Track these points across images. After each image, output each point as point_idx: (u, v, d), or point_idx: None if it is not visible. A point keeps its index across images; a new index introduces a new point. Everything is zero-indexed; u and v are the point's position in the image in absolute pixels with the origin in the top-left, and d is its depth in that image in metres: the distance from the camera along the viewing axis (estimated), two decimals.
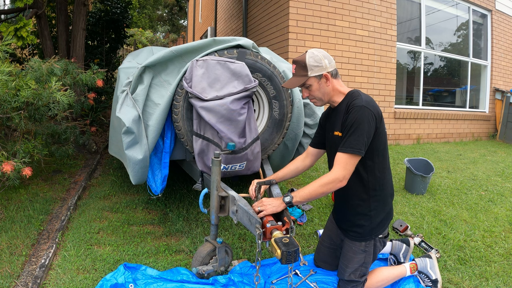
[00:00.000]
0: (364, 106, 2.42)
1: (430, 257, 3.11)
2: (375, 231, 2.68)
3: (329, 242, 3.03)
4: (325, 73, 2.58)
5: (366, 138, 2.41)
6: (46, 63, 4.24)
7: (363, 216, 2.66)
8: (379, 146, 2.55)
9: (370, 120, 2.41)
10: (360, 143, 2.39)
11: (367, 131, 2.40)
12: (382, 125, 2.52)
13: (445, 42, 10.41)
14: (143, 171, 3.32)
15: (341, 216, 2.84)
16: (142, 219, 4.03)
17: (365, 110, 2.41)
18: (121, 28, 10.38)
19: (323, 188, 2.43)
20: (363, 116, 2.40)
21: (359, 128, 2.40)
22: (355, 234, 2.70)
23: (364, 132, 2.39)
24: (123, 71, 3.87)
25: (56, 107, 4.08)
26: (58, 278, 2.90)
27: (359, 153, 2.40)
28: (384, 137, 2.58)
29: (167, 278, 2.91)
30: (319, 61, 2.58)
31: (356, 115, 2.42)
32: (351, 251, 2.72)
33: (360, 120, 2.40)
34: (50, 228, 3.71)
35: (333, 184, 2.41)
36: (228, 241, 3.59)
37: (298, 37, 7.51)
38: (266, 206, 2.60)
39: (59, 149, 4.99)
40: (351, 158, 2.41)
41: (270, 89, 3.49)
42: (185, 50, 3.38)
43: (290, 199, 2.55)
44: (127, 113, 3.18)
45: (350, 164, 2.42)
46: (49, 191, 4.72)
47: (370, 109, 2.42)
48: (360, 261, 2.70)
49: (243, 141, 3.28)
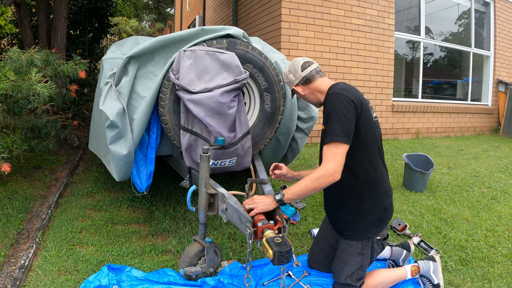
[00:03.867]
0: (336, 92, 2.47)
1: (434, 260, 3.09)
2: (371, 229, 2.68)
3: (323, 243, 3.05)
4: (293, 87, 2.86)
5: (346, 123, 2.39)
6: (25, 53, 4.22)
7: (357, 212, 2.66)
8: (366, 135, 2.55)
9: (345, 104, 2.41)
10: (338, 129, 2.38)
11: (344, 116, 2.40)
12: (365, 112, 2.52)
13: (446, 32, 10.45)
14: (127, 167, 3.32)
15: (334, 214, 2.86)
16: (126, 218, 4.03)
17: (337, 96, 2.45)
18: (104, 16, 10.34)
19: (314, 183, 2.40)
20: (335, 102, 2.43)
21: (334, 115, 2.42)
22: (350, 233, 2.71)
23: (339, 118, 2.40)
24: (107, 62, 3.86)
25: (36, 100, 4.07)
26: (39, 279, 2.90)
27: (342, 140, 2.37)
28: (371, 126, 2.58)
29: (153, 279, 2.92)
30: (287, 78, 2.89)
31: (329, 104, 2.47)
32: (347, 253, 2.72)
33: (333, 107, 2.43)
34: (30, 227, 3.69)
35: (325, 178, 2.37)
36: (217, 241, 3.60)
37: (291, 26, 7.50)
38: (257, 204, 2.61)
39: (39, 144, 4.98)
40: (335, 147, 2.39)
41: (262, 81, 3.49)
42: (172, 40, 3.37)
43: (281, 197, 2.55)
44: (111, 106, 3.17)
45: (337, 155, 2.38)
46: (29, 188, 4.70)
47: (343, 94, 2.44)
48: (357, 264, 2.70)
49: (233, 136, 3.28)
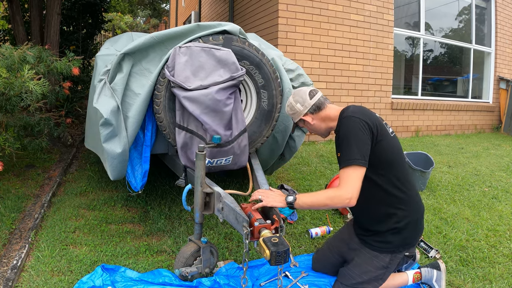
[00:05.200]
0: (349, 116, 2.47)
1: (439, 268, 3.00)
2: (404, 246, 2.65)
3: (338, 250, 2.98)
4: (301, 117, 2.85)
5: (361, 146, 2.39)
6: (18, 50, 4.21)
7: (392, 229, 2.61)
8: (389, 152, 2.54)
9: (360, 128, 2.42)
10: (353, 153, 2.37)
11: (360, 139, 2.40)
12: (382, 132, 2.51)
13: (446, 28, 10.46)
14: (122, 165, 3.31)
15: (365, 227, 2.78)
16: (121, 217, 4.03)
17: (350, 119, 2.46)
18: (98, 12, 10.31)
19: (328, 200, 2.40)
20: (348, 126, 2.44)
21: (348, 139, 2.42)
22: (381, 246, 2.66)
23: (353, 141, 2.40)
24: (101, 59, 3.85)
25: (29, 97, 4.06)
26: (31, 280, 2.90)
27: (357, 163, 2.36)
28: (392, 143, 2.57)
29: (148, 280, 2.92)
30: (293, 109, 2.87)
31: (344, 129, 2.47)
32: (371, 264, 2.67)
33: (346, 131, 2.44)
34: (22, 227, 3.69)
35: (340, 199, 2.36)
36: (213, 241, 3.61)
37: (288, 22, 7.49)
38: (268, 198, 2.62)
39: (32, 142, 4.97)
40: (350, 171, 2.38)
41: (258, 78, 3.49)
42: (167, 36, 3.36)
43: (293, 200, 2.52)
44: (105, 104, 3.17)
45: (352, 178, 2.36)
46: (21, 187, 4.70)
47: (357, 117, 2.45)
48: (378, 277, 2.67)
49: (229, 134, 3.28)
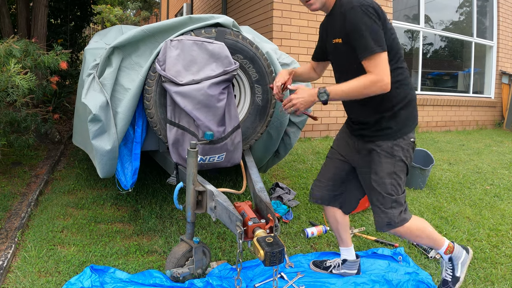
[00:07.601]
0: (356, 6, 2.43)
1: (468, 252, 2.95)
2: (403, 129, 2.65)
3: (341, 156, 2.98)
4: None
5: (375, 33, 2.40)
6: (4, 43, 4.19)
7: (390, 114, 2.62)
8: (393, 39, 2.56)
9: (369, 15, 2.41)
10: (371, 42, 2.39)
11: (371, 27, 2.40)
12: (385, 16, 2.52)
13: (446, 21, 10.48)
14: (111, 163, 3.31)
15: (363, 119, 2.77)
16: (110, 217, 4.03)
17: (358, 9, 2.42)
18: (87, 4, 10.28)
19: (364, 89, 2.42)
20: (360, 17, 2.41)
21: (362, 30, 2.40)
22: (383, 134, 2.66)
23: (369, 31, 2.39)
24: (90, 53, 3.84)
25: (15, 92, 4.05)
26: (18, 281, 2.89)
27: (379, 50, 2.38)
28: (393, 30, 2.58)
29: (138, 281, 2.92)
30: None
31: (353, 20, 2.43)
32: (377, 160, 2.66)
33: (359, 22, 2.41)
34: (8, 226, 3.68)
35: (376, 86, 2.39)
36: (205, 241, 3.61)
37: (283, 14, 7.49)
38: (298, 104, 2.58)
39: (18, 139, 4.95)
40: (376, 59, 2.40)
41: (253, 72, 3.49)
42: (158, 29, 3.36)
43: (327, 97, 2.49)
44: (93, 99, 3.16)
45: (381, 64, 2.39)
46: (7, 185, 4.69)
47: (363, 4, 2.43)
48: (390, 169, 2.64)
49: (222, 130, 3.28)
